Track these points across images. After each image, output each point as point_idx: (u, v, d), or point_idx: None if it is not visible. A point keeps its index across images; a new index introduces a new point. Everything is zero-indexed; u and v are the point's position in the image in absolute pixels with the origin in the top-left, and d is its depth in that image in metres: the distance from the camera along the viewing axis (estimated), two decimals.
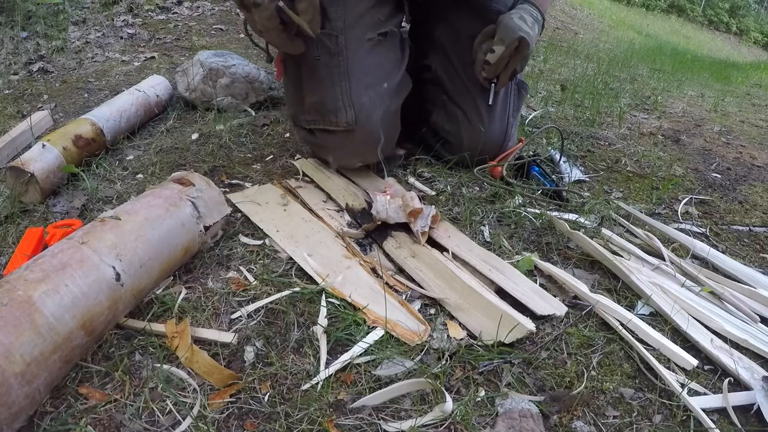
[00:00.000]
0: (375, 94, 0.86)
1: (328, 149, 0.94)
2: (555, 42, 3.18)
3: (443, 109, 1.05)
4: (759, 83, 3.12)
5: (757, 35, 12.62)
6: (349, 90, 0.85)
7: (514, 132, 1.06)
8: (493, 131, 1.01)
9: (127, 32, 1.98)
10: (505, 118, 1.02)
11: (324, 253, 0.77)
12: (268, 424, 0.52)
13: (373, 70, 0.87)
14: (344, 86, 0.85)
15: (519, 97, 1.06)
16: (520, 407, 0.54)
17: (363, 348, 0.61)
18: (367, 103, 0.85)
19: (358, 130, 0.86)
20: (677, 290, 0.74)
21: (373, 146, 0.88)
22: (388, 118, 0.88)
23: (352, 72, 0.85)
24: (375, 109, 0.86)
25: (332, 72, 0.85)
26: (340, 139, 0.89)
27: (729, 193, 1.11)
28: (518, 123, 1.08)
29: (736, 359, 0.63)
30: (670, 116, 1.69)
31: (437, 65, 1.05)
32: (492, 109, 1.01)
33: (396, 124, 0.92)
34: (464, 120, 1.02)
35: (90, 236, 0.61)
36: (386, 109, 0.87)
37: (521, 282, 0.73)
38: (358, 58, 0.86)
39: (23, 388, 0.48)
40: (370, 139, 0.87)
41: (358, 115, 0.85)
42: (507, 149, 1.05)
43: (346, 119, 0.85)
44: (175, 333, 0.60)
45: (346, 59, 0.85)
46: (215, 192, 0.79)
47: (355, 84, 0.85)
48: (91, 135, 1.00)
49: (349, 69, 0.85)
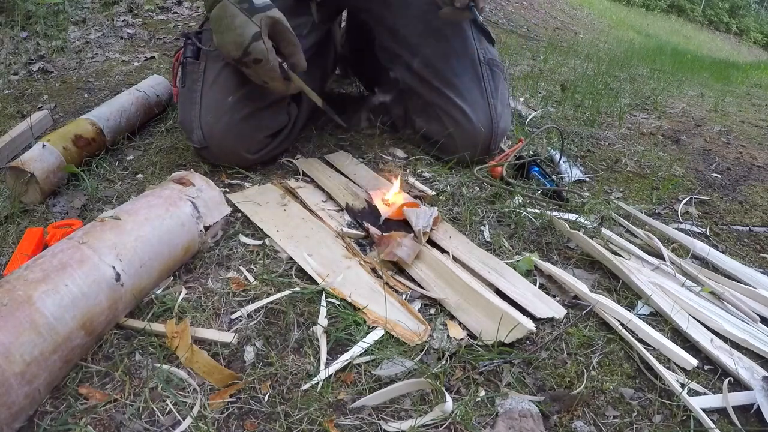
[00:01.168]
0: (219, 110, 0.94)
1: (204, 160, 1.02)
2: (555, 42, 3.18)
3: (424, 113, 1.08)
4: (759, 83, 3.12)
5: (757, 35, 12.63)
6: (199, 113, 0.94)
7: (501, 112, 1.04)
8: (479, 119, 1.02)
9: (127, 32, 1.98)
10: (485, 102, 1.03)
11: (324, 253, 0.77)
12: (268, 424, 0.52)
13: (221, 88, 0.95)
14: (196, 109, 0.95)
15: (494, 76, 1.05)
16: (520, 407, 0.54)
17: (363, 348, 0.61)
18: (211, 121, 0.94)
19: (210, 146, 0.95)
20: (677, 290, 0.74)
21: (231, 154, 0.97)
22: (233, 125, 0.94)
23: (204, 95, 0.95)
24: (218, 123, 0.94)
25: (191, 97, 0.96)
26: (205, 152, 0.98)
27: (729, 193, 1.11)
28: (506, 101, 1.08)
29: (736, 359, 0.63)
30: (670, 116, 1.69)
31: (403, 75, 1.09)
32: (469, 98, 1.02)
33: (249, 126, 0.96)
34: (447, 119, 1.03)
35: (90, 236, 0.61)
36: (230, 119, 0.94)
37: (520, 284, 0.73)
38: (210, 81, 0.95)
39: (23, 388, 0.48)
40: (222, 149, 0.96)
41: (206, 133, 0.94)
42: (499, 133, 1.04)
43: (197, 138, 0.95)
44: (175, 333, 0.60)
45: (201, 84, 0.96)
46: (215, 192, 0.79)
47: (204, 106, 0.94)
48: (91, 135, 1.00)
49: (202, 93, 0.95)
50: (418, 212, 0.83)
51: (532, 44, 2.93)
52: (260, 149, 1.00)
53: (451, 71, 1.03)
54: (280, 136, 1.03)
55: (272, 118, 1.00)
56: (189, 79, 0.97)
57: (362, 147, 1.15)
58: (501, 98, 1.06)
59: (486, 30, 1.09)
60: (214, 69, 0.95)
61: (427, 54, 1.04)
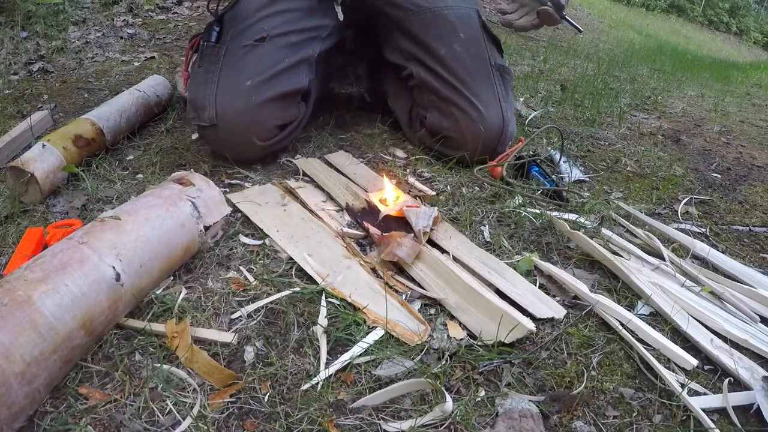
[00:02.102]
0: (236, 91, 0.96)
1: (208, 143, 1.04)
2: (555, 42, 3.18)
3: (437, 109, 1.08)
4: (759, 83, 3.12)
5: (757, 35, 12.63)
6: (216, 91, 0.96)
7: (511, 117, 1.07)
8: (491, 117, 1.03)
9: (127, 32, 1.98)
10: (497, 103, 1.05)
11: (324, 253, 0.77)
12: (268, 424, 0.52)
13: (240, 72, 0.97)
14: (212, 88, 0.96)
15: (504, 82, 1.08)
16: (520, 407, 0.54)
17: (363, 348, 0.61)
18: (227, 101, 0.95)
19: (220, 125, 0.95)
20: (677, 290, 0.74)
21: (240, 136, 0.97)
22: (248, 108, 0.95)
23: (221, 77, 0.97)
24: (234, 104, 0.95)
25: (207, 77, 0.98)
26: (211, 133, 0.98)
27: (729, 193, 1.11)
28: (513, 108, 1.10)
29: (736, 359, 0.63)
30: (670, 116, 1.69)
31: (418, 71, 1.10)
32: (483, 97, 1.04)
33: (263, 112, 0.97)
34: (460, 114, 1.04)
35: (90, 236, 0.61)
36: (246, 102, 0.95)
37: (520, 285, 0.73)
38: (230, 64, 0.98)
39: (23, 388, 0.48)
40: (233, 131, 0.96)
41: (219, 112, 0.95)
42: (508, 135, 1.06)
43: (209, 116, 0.96)
44: (175, 333, 0.60)
45: (220, 66, 0.98)
46: (215, 192, 0.79)
47: (221, 86, 0.96)
48: (91, 135, 1.00)
49: (220, 74, 0.97)
50: (417, 212, 0.83)
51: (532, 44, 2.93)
52: (269, 138, 1.00)
53: (465, 71, 1.05)
54: (288, 128, 1.04)
55: (286, 108, 1.02)
56: (207, 60, 0.99)
57: (362, 147, 1.15)
58: (510, 104, 1.08)
59: (497, 39, 1.12)
60: (235, 53, 0.98)
61: (442, 54, 1.07)
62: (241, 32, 1.00)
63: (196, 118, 0.98)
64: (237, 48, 0.98)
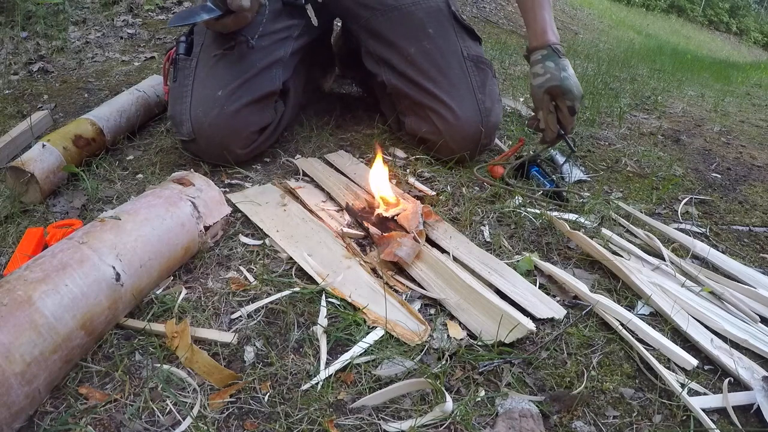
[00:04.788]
0: (209, 103, 0.95)
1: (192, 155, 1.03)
2: None
3: (414, 114, 1.08)
4: (759, 83, 3.12)
5: (757, 35, 12.64)
6: (189, 106, 0.96)
7: (492, 106, 1.04)
8: (466, 113, 1.02)
9: (127, 32, 1.98)
10: (472, 96, 1.03)
11: (324, 253, 0.77)
12: (268, 424, 0.52)
13: (211, 83, 0.97)
14: (186, 103, 0.97)
15: (480, 71, 1.05)
16: (520, 407, 0.54)
17: (363, 348, 0.61)
18: (200, 114, 0.95)
19: (198, 138, 0.96)
20: (677, 290, 0.74)
21: (219, 148, 0.97)
22: (222, 119, 0.95)
23: (194, 89, 0.97)
24: (207, 116, 0.95)
25: (182, 92, 0.98)
26: (192, 146, 0.99)
27: (729, 193, 1.11)
28: (496, 96, 1.07)
29: (736, 359, 0.63)
30: (670, 116, 1.69)
31: (389, 78, 1.10)
32: (456, 94, 1.02)
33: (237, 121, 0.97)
34: (436, 117, 1.04)
35: (90, 236, 0.61)
36: (219, 113, 0.95)
37: (520, 285, 0.73)
38: (201, 77, 0.98)
39: (23, 388, 0.48)
40: (211, 143, 0.97)
41: (195, 126, 0.96)
42: (490, 125, 1.04)
43: (186, 130, 0.96)
44: (175, 333, 0.60)
45: (192, 79, 0.98)
46: (215, 192, 0.79)
47: (194, 99, 0.96)
48: (91, 135, 1.00)
49: (193, 87, 0.97)
50: (408, 215, 0.83)
51: None
52: (249, 144, 1.01)
53: (436, 69, 1.04)
54: (266, 132, 1.04)
55: (260, 113, 1.01)
56: (180, 74, 0.99)
57: (362, 147, 1.15)
58: (490, 94, 1.05)
59: (469, 27, 1.10)
60: (206, 63, 0.98)
61: (411, 53, 1.06)
62: (211, 42, 1.00)
63: (177, 132, 0.99)
64: (207, 58, 0.98)
